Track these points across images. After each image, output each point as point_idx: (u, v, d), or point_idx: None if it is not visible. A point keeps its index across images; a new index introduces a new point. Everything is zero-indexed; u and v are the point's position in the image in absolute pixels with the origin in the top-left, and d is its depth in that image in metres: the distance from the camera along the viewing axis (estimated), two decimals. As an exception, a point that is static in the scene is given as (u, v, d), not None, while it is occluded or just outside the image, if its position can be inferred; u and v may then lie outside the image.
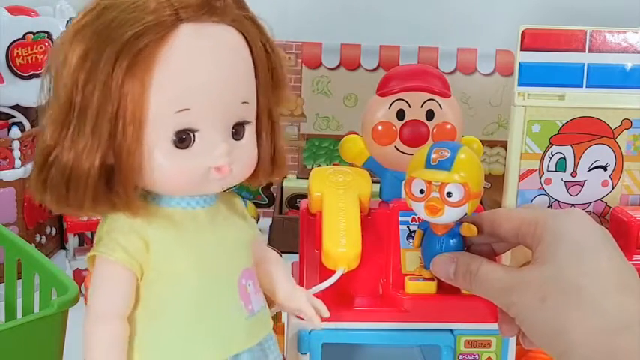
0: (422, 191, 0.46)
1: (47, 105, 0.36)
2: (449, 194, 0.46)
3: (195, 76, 0.35)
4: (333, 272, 0.48)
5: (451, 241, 0.48)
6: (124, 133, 0.34)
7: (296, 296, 0.45)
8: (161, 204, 0.38)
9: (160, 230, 0.37)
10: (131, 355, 0.37)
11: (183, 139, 0.35)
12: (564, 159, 0.60)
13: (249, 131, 0.38)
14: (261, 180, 0.41)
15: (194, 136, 0.36)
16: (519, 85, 0.59)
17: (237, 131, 0.37)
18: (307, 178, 0.54)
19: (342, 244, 0.48)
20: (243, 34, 0.37)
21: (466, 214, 0.47)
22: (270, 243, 0.68)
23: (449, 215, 0.46)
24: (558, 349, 0.39)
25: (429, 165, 0.46)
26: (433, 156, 0.46)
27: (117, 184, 0.35)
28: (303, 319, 0.46)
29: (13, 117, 0.89)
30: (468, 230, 0.46)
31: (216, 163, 0.36)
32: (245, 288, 0.39)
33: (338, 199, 0.51)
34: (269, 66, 0.39)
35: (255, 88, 0.38)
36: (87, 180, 0.35)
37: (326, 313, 0.45)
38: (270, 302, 0.44)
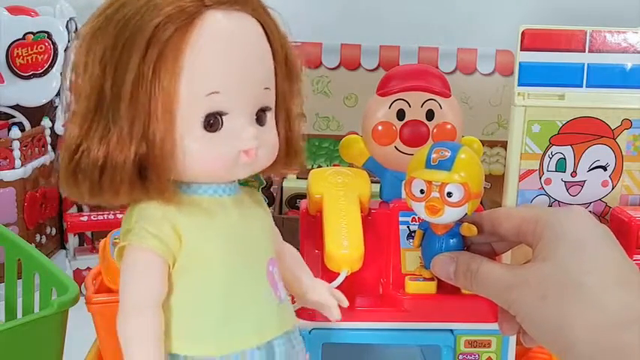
0: (422, 191, 0.46)
1: (70, 99, 0.36)
2: (449, 194, 0.46)
3: (223, 59, 0.36)
4: (335, 272, 0.48)
5: (451, 240, 0.48)
6: (157, 120, 0.35)
7: (317, 288, 0.45)
8: (189, 192, 0.38)
9: (191, 217, 0.37)
10: (172, 345, 0.37)
11: (212, 122, 0.36)
12: (564, 159, 0.60)
13: (270, 117, 0.39)
14: (280, 169, 0.41)
15: (222, 119, 0.36)
16: (519, 85, 0.59)
17: (260, 117, 0.38)
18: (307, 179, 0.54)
19: (345, 246, 0.48)
20: (262, 25, 0.38)
21: (466, 214, 0.47)
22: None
23: (449, 215, 0.46)
24: (560, 346, 0.39)
25: (429, 165, 0.46)
26: (433, 156, 0.46)
27: (150, 171, 0.35)
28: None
29: (13, 117, 0.89)
30: (468, 230, 0.46)
31: (246, 145, 0.37)
32: (272, 275, 0.40)
33: (338, 200, 0.51)
34: (285, 58, 0.40)
35: (274, 76, 0.39)
36: (122, 171, 0.35)
37: (346, 303, 0.45)
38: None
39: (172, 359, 0.37)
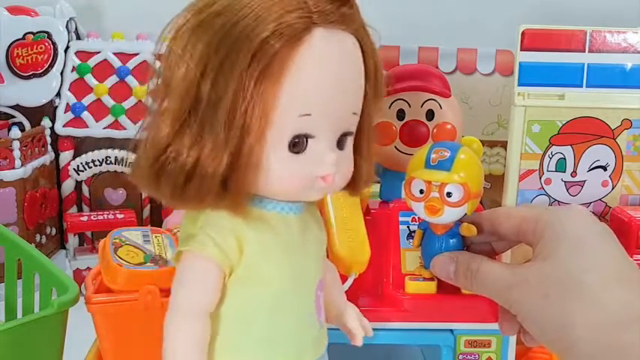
0: (421, 191, 0.46)
1: (157, 96, 0.35)
2: (448, 194, 0.46)
3: (321, 82, 0.35)
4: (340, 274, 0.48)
5: (451, 240, 0.47)
6: (250, 134, 0.33)
7: (347, 314, 0.45)
8: (257, 206, 0.37)
9: (257, 232, 0.36)
10: (216, 354, 0.37)
11: (298, 143, 0.35)
12: (564, 159, 0.60)
13: (350, 142, 0.38)
14: (361, 190, 0.41)
15: (307, 142, 0.35)
16: (519, 85, 0.59)
17: (341, 141, 0.37)
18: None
19: (353, 249, 0.48)
20: (361, 45, 0.37)
21: (466, 214, 0.47)
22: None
23: (448, 215, 0.46)
24: (561, 345, 0.39)
25: (428, 165, 0.46)
26: (433, 156, 0.46)
27: (232, 184, 0.34)
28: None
29: (13, 117, 0.89)
30: (468, 230, 0.46)
31: (325, 171, 0.36)
32: (319, 299, 0.39)
33: (341, 202, 0.51)
34: (375, 78, 0.38)
35: (362, 100, 0.38)
36: (211, 180, 0.34)
37: (370, 333, 0.45)
38: None
39: None
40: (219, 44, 0.33)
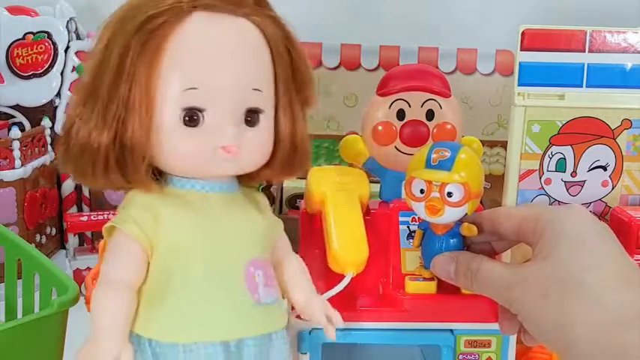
0: (422, 191, 0.46)
1: (80, 83, 0.39)
2: (449, 194, 0.46)
3: (203, 57, 0.37)
4: (336, 273, 0.48)
5: (451, 240, 0.47)
6: (134, 109, 0.36)
7: (312, 305, 0.44)
8: (176, 186, 0.40)
9: (171, 207, 0.39)
10: (136, 326, 0.38)
11: (192, 118, 0.37)
12: (564, 159, 0.60)
13: (265, 120, 0.40)
14: (278, 174, 0.42)
15: (203, 115, 0.38)
16: (519, 85, 0.59)
17: (251, 119, 0.39)
18: (307, 178, 0.54)
19: (351, 249, 0.48)
20: (262, 30, 0.39)
21: (466, 214, 0.47)
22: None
23: (449, 215, 0.46)
24: (561, 345, 0.39)
25: (429, 165, 0.46)
26: (433, 156, 0.46)
27: (128, 159, 0.37)
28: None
29: (13, 117, 0.89)
30: (468, 230, 0.46)
31: (223, 142, 0.38)
32: (253, 276, 0.40)
33: (340, 200, 0.51)
34: (292, 65, 0.40)
35: (272, 81, 0.40)
36: (98, 155, 0.37)
37: (340, 323, 0.44)
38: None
39: (137, 340, 0.39)
40: (116, 27, 0.37)
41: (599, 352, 0.37)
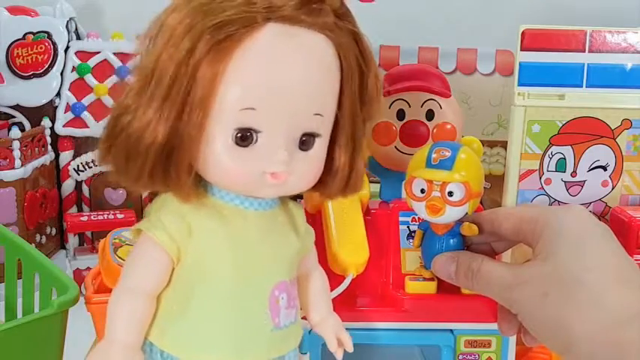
0: (423, 191, 0.46)
1: (135, 71, 0.36)
2: (450, 193, 0.46)
3: (267, 77, 0.34)
4: (336, 273, 0.48)
5: (451, 240, 0.47)
6: (189, 115, 0.34)
7: (326, 324, 0.44)
8: (215, 196, 0.38)
9: (206, 220, 0.37)
10: (151, 334, 0.38)
11: (244, 137, 0.35)
12: (564, 159, 0.60)
13: (320, 144, 0.37)
14: (328, 196, 0.40)
15: (257, 136, 0.35)
16: (519, 85, 0.59)
17: (306, 141, 0.37)
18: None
19: (351, 250, 0.48)
20: (335, 45, 0.36)
21: (467, 214, 0.47)
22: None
23: (450, 214, 0.46)
24: (561, 345, 0.39)
25: (429, 164, 0.46)
26: (434, 155, 0.46)
27: (173, 164, 0.35)
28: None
29: (13, 117, 0.89)
30: (469, 230, 0.46)
31: (273, 168, 0.36)
32: (277, 300, 0.39)
33: (341, 201, 0.51)
34: (362, 82, 0.38)
35: (336, 102, 0.37)
36: (147, 153, 0.34)
37: (349, 348, 0.44)
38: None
39: (149, 347, 0.38)
40: (177, 28, 0.34)
41: (599, 351, 0.37)
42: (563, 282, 0.39)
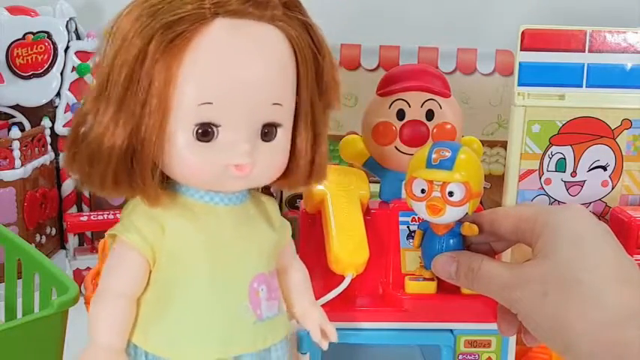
0: (423, 191, 0.46)
1: (93, 78, 0.37)
2: (450, 193, 0.46)
3: (221, 71, 0.35)
4: (335, 274, 0.48)
5: (451, 240, 0.47)
6: (149, 116, 0.34)
7: (309, 316, 0.44)
8: (184, 194, 0.38)
9: (177, 219, 0.37)
10: (134, 336, 0.38)
11: (205, 132, 0.35)
12: (564, 159, 0.60)
13: (282, 134, 0.38)
14: (294, 185, 0.41)
15: (217, 130, 0.36)
16: (519, 85, 0.59)
17: (268, 132, 0.37)
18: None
19: (351, 250, 0.48)
20: (287, 36, 0.37)
21: (467, 214, 0.47)
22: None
23: (450, 215, 0.46)
24: (562, 344, 0.39)
25: (430, 164, 0.46)
26: (434, 155, 0.46)
27: (136, 167, 0.35)
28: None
29: (13, 117, 0.89)
30: (470, 230, 0.46)
31: (236, 160, 0.36)
32: (256, 292, 0.39)
33: (340, 201, 0.51)
34: (317, 70, 0.38)
35: (294, 91, 0.38)
36: (109, 158, 0.35)
37: (333, 338, 0.44)
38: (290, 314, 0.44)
39: (134, 350, 0.38)
40: (128, 33, 0.34)
41: (599, 350, 0.37)
42: (562, 281, 0.39)
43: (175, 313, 0.38)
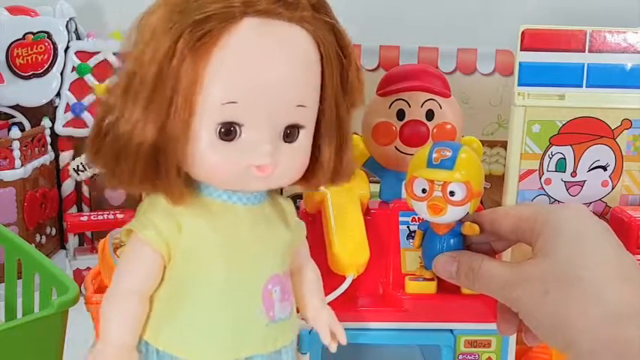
0: (424, 190, 0.46)
1: (119, 72, 0.36)
2: (451, 193, 0.46)
3: (247, 71, 0.35)
4: (336, 274, 0.48)
5: (452, 240, 0.47)
6: (174, 115, 0.34)
7: (320, 317, 0.44)
8: (203, 192, 0.38)
9: (195, 217, 0.37)
10: (146, 333, 0.38)
11: (228, 131, 0.35)
12: (564, 159, 0.60)
13: (304, 136, 0.38)
14: (316, 186, 0.41)
15: (240, 130, 0.36)
16: (519, 85, 0.59)
17: (291, 134, 0.37)
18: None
19: (352, 251, 0.48)
20: (314, 37, 0.37)
21: (468, 214, 0.47)
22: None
23: (451, 214, 0.46)
24: (563, 341, 0.39)
25: (430, 164, 0.46)
26: (435, 155, 0.46)
27: (162, 165, 0.35)
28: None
29: (13, 117, 0.89)
30: (471, 229, 0.46)
31: (258, 161, 0.36)
32: (270, 293, 0.39)
33: (340, 201, 0.51)
34: (342, 72, 0.38)
35: (318, 93, 0.38)
36: (137, 155, 0.35)
37: (343, 340, 0.44)
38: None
39: (145, 347, 0.38)
40: (157, 29, 0.34)
41: (600, 348, 0.37)
42: (563, 279, 0.39)
43: (188, 312, 0.37)
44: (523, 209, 0.45)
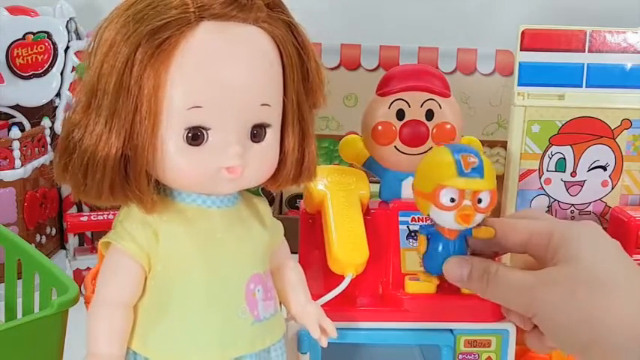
0: (452, 199, 0.44)
1: (80, 87, 0.36)
2: (479, 200, 0.44)
3: (208, 74, 0.35)
4: (335, 273, 0.48)
5: (460, 244, 0.47)
6: (139, 124, 0.34)
7: (306, 313, 0.44)
8: (176, 199, 0.38)
9: (171, 224, 0.37)
10: (133, 343, 0.38)
11: (195, 135, 0.36)
12: (564, 159, 0.60)
13: (271, 134, 0.38)
14: (284, 185, 0.41)
15: (207, 134, 0.36)
16: (519, 85, 0.59)
17: (257, 133, 0.37)
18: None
19: (351, 250, 0.48)
20: (272, 36, 0.37)
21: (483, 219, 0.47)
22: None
23: (476, 221, 0.45)
24: (584, 341, 0.40)
25: (462, 173, 0.44)
26: (463, 162, 0.44)
27: (130, 175, 0.35)
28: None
29: (13, 117, 0.89)
30: (486, 232, 0.46)
31: (227, 163, 0.36)
32: (253, 293, 0.39)
33: (340, 201, 0.51)
34: (302, 69, 0.38)
35: (281, 92, 0.38)
36: (104, 168, 0.35)
37: (333, 334, 0.44)
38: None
39: (132, 356, 0.38)
40: (114, 40, 0.35)
41: (627, 344, 0.39)
42: (591, 279, 0.41)
43: (173, 318, 0.38)
44: (533, 224, 0.45)
